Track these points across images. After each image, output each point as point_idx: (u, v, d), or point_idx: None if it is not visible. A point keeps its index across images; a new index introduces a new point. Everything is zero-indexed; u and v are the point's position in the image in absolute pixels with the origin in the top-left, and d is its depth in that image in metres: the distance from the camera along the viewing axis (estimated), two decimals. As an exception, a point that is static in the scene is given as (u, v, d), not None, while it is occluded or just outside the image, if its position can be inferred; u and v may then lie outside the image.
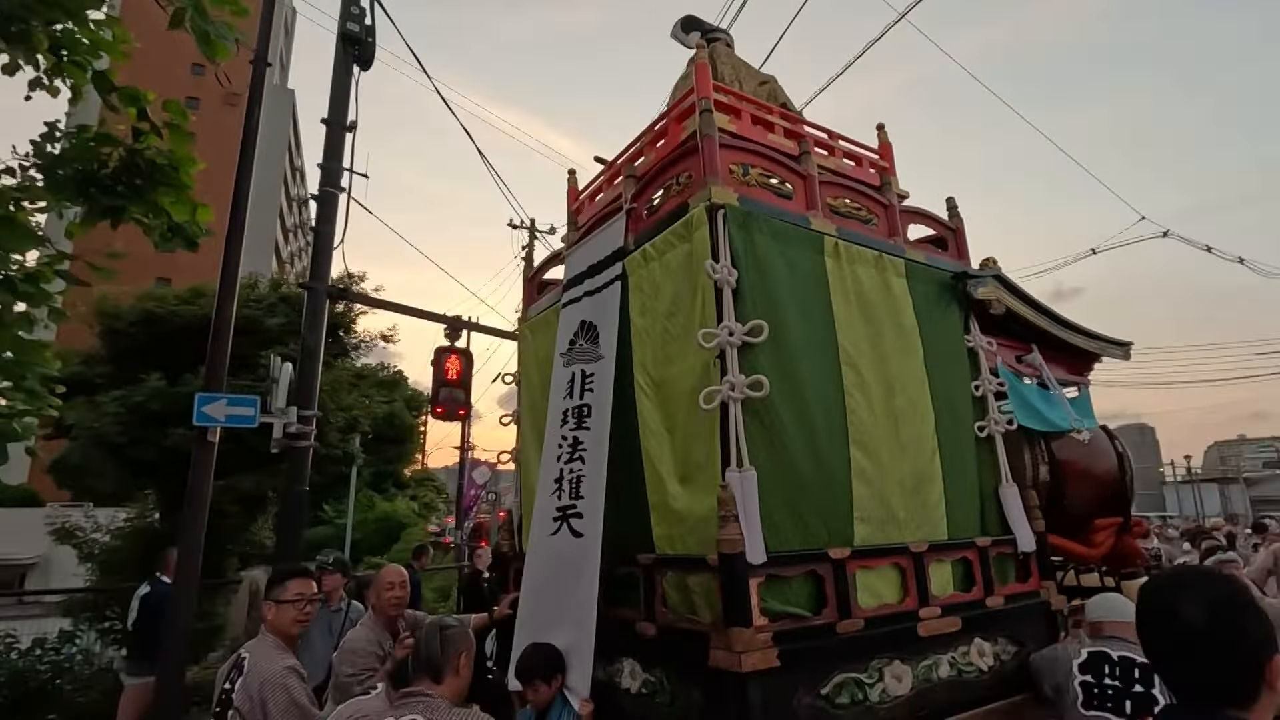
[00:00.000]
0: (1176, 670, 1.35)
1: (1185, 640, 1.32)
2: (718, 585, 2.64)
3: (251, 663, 2.80)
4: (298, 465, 6.08)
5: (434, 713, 2.15)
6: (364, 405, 15.28)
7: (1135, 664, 2.77)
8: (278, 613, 3.00)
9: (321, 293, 6.39)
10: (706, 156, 3.08)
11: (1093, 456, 3.94)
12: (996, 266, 3.77)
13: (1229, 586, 1.37)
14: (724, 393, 2.73)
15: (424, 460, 36.61)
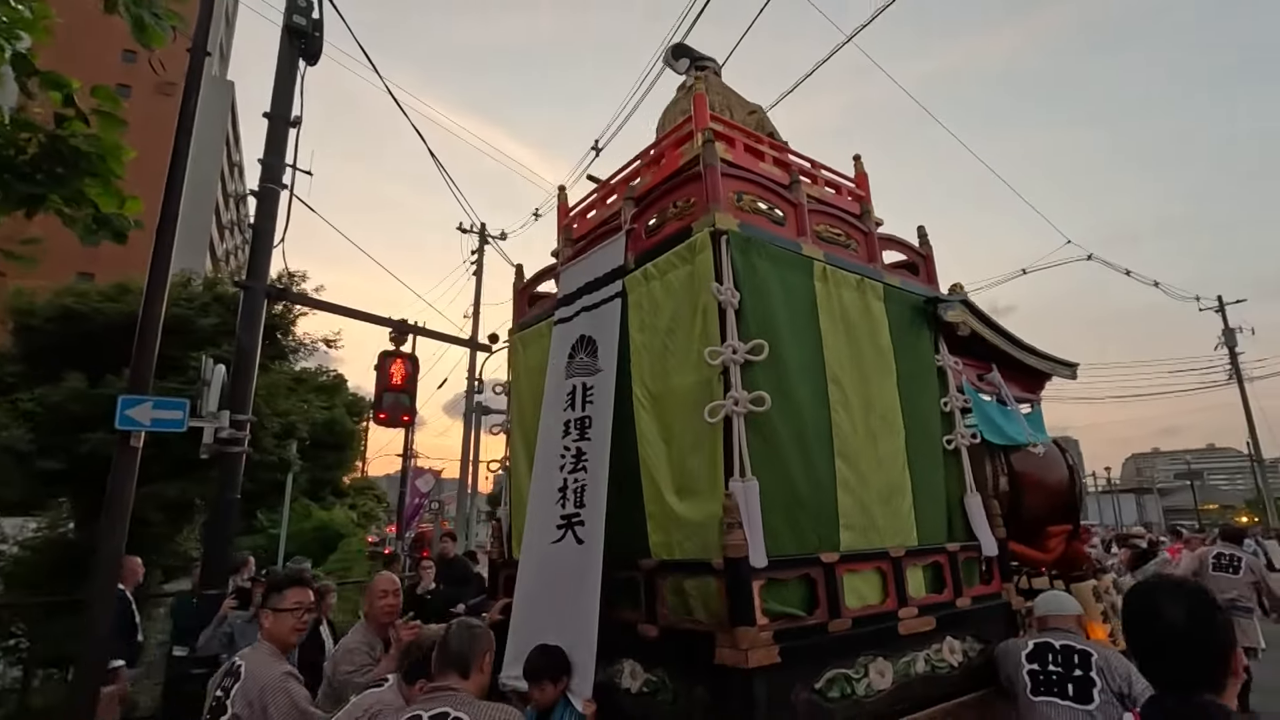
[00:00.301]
0: (1160, 664, 1.60)
1: (1168, 639, 1.58)
2: (722, 588, 2.82)
3: (248, 669, 2.84)
4: (229, 472, 5.83)
5: (462, 706, 2.27)
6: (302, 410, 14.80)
7: (1075, 651, 3.08)
8: (275, 621, 3.07)
9: (259, 292, 6.16)
10: (710, 184, 3.28)
11: (1047, 468, 4.29)
12: (963, 292, 4.07)
13: (1202, 594, 1.63)
14: (728, 407, 2.93)
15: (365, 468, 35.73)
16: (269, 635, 3.05)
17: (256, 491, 14.03)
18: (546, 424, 3.82)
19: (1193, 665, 1.55)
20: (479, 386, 18.30)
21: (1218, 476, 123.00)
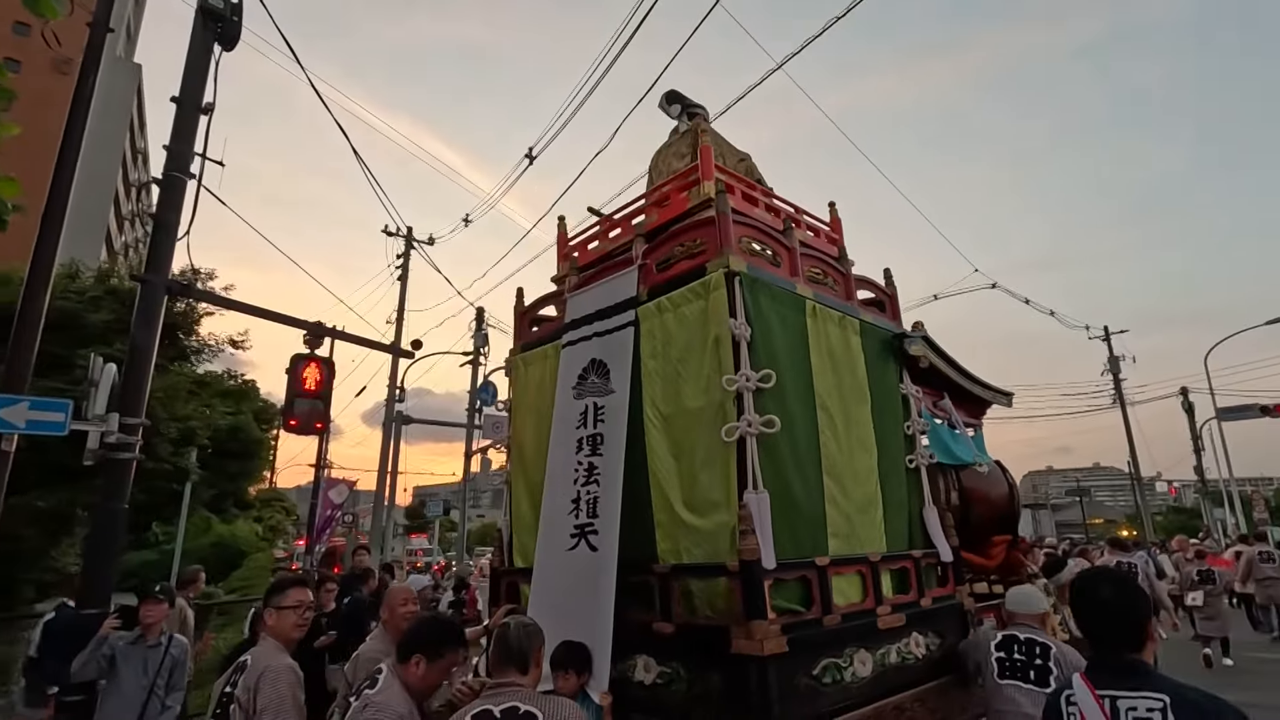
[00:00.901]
0: (1097, 631, 2.13)
1: (1102, 612, 2.12)
2: (735, 587, 3.22)
3: (253, 661, 3.04)
4: (117, 480, 5.35)
5: (529, 700, 2.56)
6: (204, 415, 14.15)
7: (1037, 644, 3.62)
8: (278, 618, 3.26)
9: (158, 287, 5.70)
10: (723, 230, 3.71)
11: (990, 485, 4.89)
12: (924, 329, 4.63)
13: (1128, 579, 2.18)
14: (742, 428, 3.35)
15: (273, 478, 34.13)
16: (272, 632, 3.24)
17: (150, 503, 13.19)
18: (558, 440, 4.14)
19: (1120, 631, 2.09)
20: (401, 395, 17.87)
21: (1103, 493, 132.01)
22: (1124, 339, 31.98)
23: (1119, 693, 1.98)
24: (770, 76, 8.78)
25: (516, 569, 4.48)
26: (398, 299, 18.47)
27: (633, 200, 4.64)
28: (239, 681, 2.97)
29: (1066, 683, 2.19)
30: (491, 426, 18.86)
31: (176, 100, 6.07)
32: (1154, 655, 2.19)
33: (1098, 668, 2.11)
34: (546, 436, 4.37)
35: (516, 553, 4.52)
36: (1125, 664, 2.05)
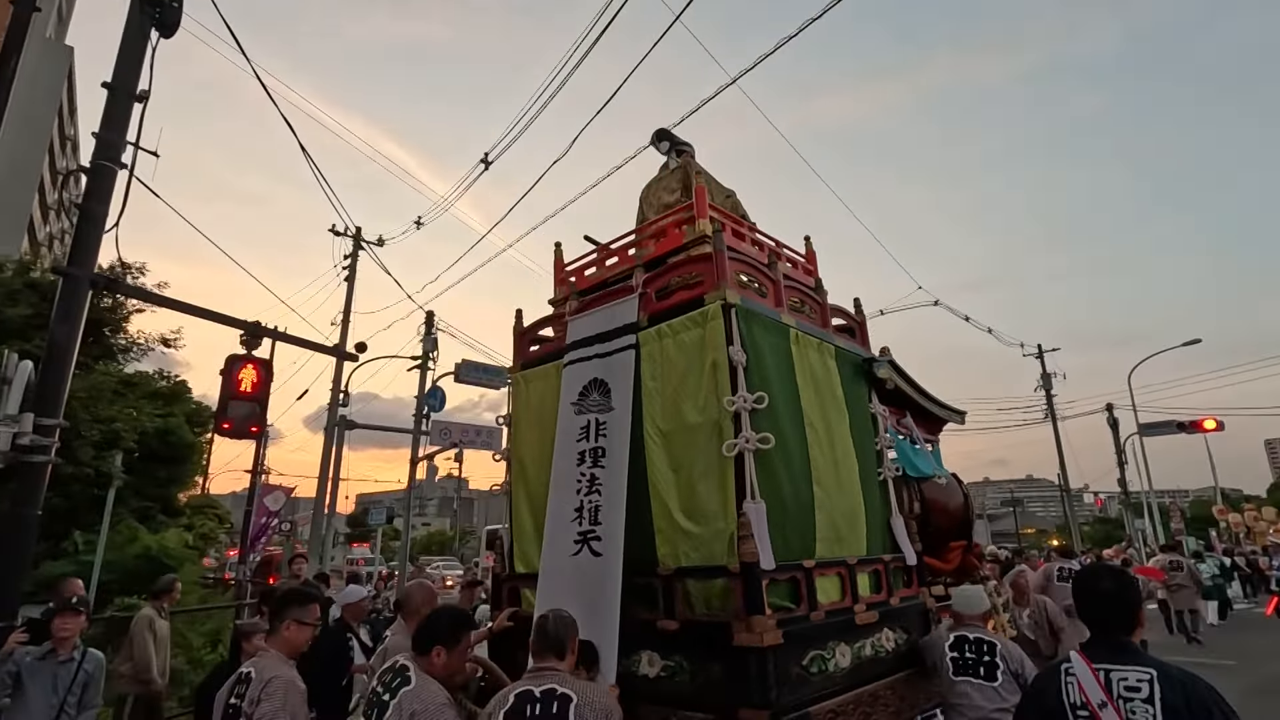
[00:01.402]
0: (1096, 615, 2.56)
1: (1101, 599, 2.55)
2: (737, 587, 3.59)
3: (258, 672, 3.19)
4: (29, 485, 5.07)
5: (566, 684, 2.89)
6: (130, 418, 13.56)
7: (985, 642, 4.10)
8: (297, 631, 3.44)
9: (82, 281, 5.42)
10: (719, 266, 4.11)
11: (948, 495, 5.38)
12: (890, 354, 5.10)
13: (1123, 572, 2.63)
14: (741, 444, 3.73)
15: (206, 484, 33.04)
16: (284, 644, 3.40)
17: (69, 509, 12.49)
18: (561, 452, 4.46)
19: (1115, 616, 2.52)
20: (344, 399, 17.37)
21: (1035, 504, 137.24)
22: (1056, 357, 33.68)
23: (1112, 666, 2.42)
24: (725, 91, 8.94)
25: (517, 574, 4.77)
26: (344, 300, 18.07)
27: (626, 233, 5.01)
28: (245, 694, 3.11)
29: (1061, 659, 2.61)
30: (439, 433, 18.65)
31: (108, 86, 5.79)
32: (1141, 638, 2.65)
33: (1095, 645, 2.53)
34: (546, 449, 4.69)
35: (518, 559, 4.81)
36: (1119, 644, 2.48)
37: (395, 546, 50.65)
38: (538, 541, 4.65)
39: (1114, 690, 2.39)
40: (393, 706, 2.81)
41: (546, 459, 4.67)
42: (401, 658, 3.03)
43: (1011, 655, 4.03)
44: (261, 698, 3.06)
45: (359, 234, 18.60)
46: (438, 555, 57.93)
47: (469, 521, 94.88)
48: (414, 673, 2.92)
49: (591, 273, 5.15)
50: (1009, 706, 3.85)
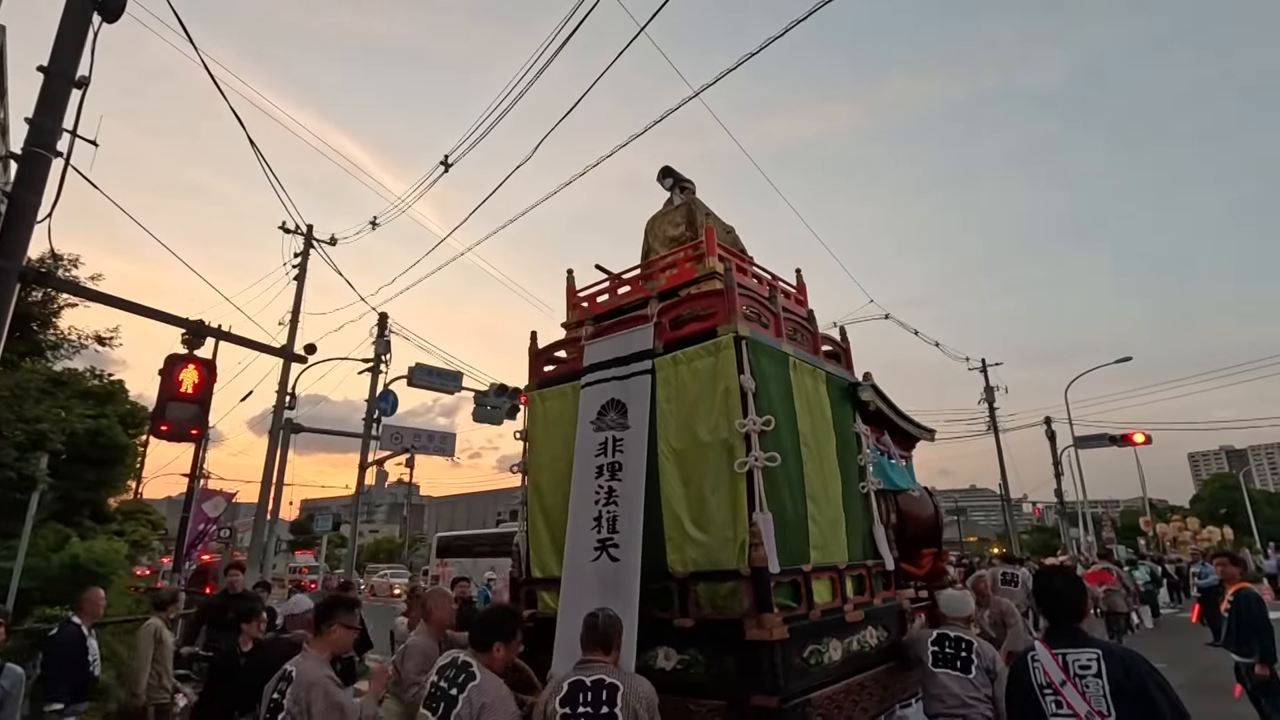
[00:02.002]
0: (1052, 608, 3.11)
1: (1054, 594, 3.10)
2: (747, 588, 4.06)
3: (298, 673, 3.47)
4: None
5: (613, 675, 3.31)
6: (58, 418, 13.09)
7: (962, 640, 4.65)
8: (342, 635, 3.77)
9: (10, 273, 5.22)
10: (730, 301, 4.59)
11: (921, 507, 5.94)
12: (871, 379, 5.65)
13: (1072, 572, 3.19)
14: (751, 461, 4.21)
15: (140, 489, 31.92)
16: (328, 646, 3.72)
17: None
18: (580, 466, 4.88)
19: (1067, 609, 3.09)
20: (291, 401, 16.93)
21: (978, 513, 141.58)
22: (999, 371, 35.17)
23: (1068, 650, 3.00)
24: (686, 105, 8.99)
25: (534, 579, 5.17)
26: (293, 300, 17.60)
27: (636, 265, 5.47)
28: (287, 691, 3.39)
29: (1029, 647, 3.17)
30: (390, 437, 18.38)
31: (44, 70, 5.53)
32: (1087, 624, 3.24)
33: (1053, 634, 3.12)
34: (562, 463, 5.11)
35: (534, 565, 5.21)
36: (1071, 630, 3.08)
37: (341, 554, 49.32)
38: (553, 549, 5.07)
39: (1070, 669, 2.96)
40: (462, 700, 3.17)
41: (562, 472, 5.09)
42: (462, 655, 3.40)
43: (985, 653, 4.59)
44: (310, 700, 3.34)
45: (310, 232, 18.20)
46: (386, 563, 57.02)
47: (419, 528, 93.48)
48: (477, 668, 3.30)
49: (604, 299, 5.58)
50: (981, 696, 4.41)
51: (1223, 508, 67.20)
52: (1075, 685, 2.92)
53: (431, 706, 3.24)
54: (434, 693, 3.30)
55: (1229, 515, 63.23)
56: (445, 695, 3.23)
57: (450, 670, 3.34)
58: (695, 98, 8.78)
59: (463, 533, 46.13)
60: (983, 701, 4.41)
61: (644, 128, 9.30)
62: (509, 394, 17.58)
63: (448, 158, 11.67)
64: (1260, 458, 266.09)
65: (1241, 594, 6.92)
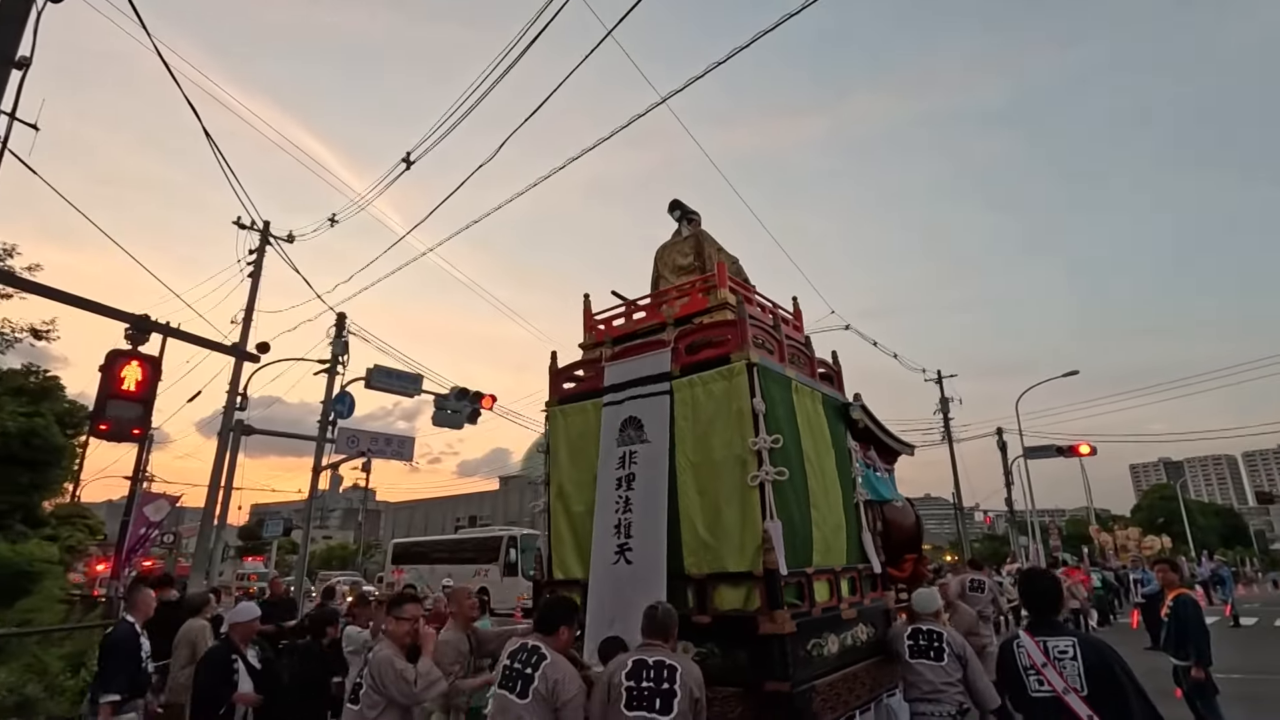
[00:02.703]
0: (1037, 603, 3.70)
1: (1037, 590, 3.70)
2: (761, 588, 4.56)
3: (374, 657, 4.16)
4: None
5: (671, 658, 3.78)
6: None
7: (934, 633, 5.22)
8: (396, 626, 4.37)
9: None
10: (742, 330, 5.11)
11: (903, 516, 6.53)
12: (861, 399, 6.22)
13: (1050, 573, 3.80)
14: (762, 475, 4.73)
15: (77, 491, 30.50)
16: (390, 635, 4.33)
17: None
18: (603, 478, 5.35)
19: (1048, 603, 3.68)
20: (243, 402, 16.23)
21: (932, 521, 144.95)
22: (953, 383, 36.32)
23: (1048, 638, 3.59)
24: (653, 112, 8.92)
25: (556, 580, 5.62)
26: (247, 297, 16.98)
27: (650, 294, 5.98)
28: (365, 672, 4.10)
29: (1013, 635, 3.75)
30: (346, 441, 17.72)
31: None
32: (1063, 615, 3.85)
33: (1036, 625, 3.72)
34: (584, 474, 5.59)
35: (555, 567, 5.66)
36: (1050, 622, 3.67)
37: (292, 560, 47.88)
38: (575, 552, 5.53)
39: (1050, 654, 3.54)
40: (538, 677, 3.65)
41: (584, 482, 5.56)
42: (530, 640, 3.87)
43: (955, 642, 5.18)
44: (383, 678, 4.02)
45: (267, 228, 17.68)
46: (339, 570, 55.87)
47: (375, 535, 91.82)
48: (546, 650, 3.77)
49: (620, 324, 6.07)
50: (953, 680, 5.00)
51: (1160, 517, 70.17)
52: (1055, 667, 3.51)
53: (509, 686, 3.70)
54: (509, 674, 3.76)
55: (1166, 524, 66.03)
56: (521, 674, 3.70)
57: (521, 654, 3.80)
58: (662, 104, 8.88)
59: (420, 539, 45.70)
60: (954, 685, 5.00)
61: (610, 132, 9.35)
62: (470, 398, 17.36)
63: (409, 155, 11.32)
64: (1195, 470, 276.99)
65: (1180, 599, 7.09)
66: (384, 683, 3.96)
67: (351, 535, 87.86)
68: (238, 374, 16.19)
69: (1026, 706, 3.65)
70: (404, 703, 4.05)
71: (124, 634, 6.08)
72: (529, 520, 59.77)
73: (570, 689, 3.68)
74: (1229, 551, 68.30)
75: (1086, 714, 3.39)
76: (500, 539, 31.07)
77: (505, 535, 31.23)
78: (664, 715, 3.57)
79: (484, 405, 17.60)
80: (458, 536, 39.10)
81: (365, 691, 4.01)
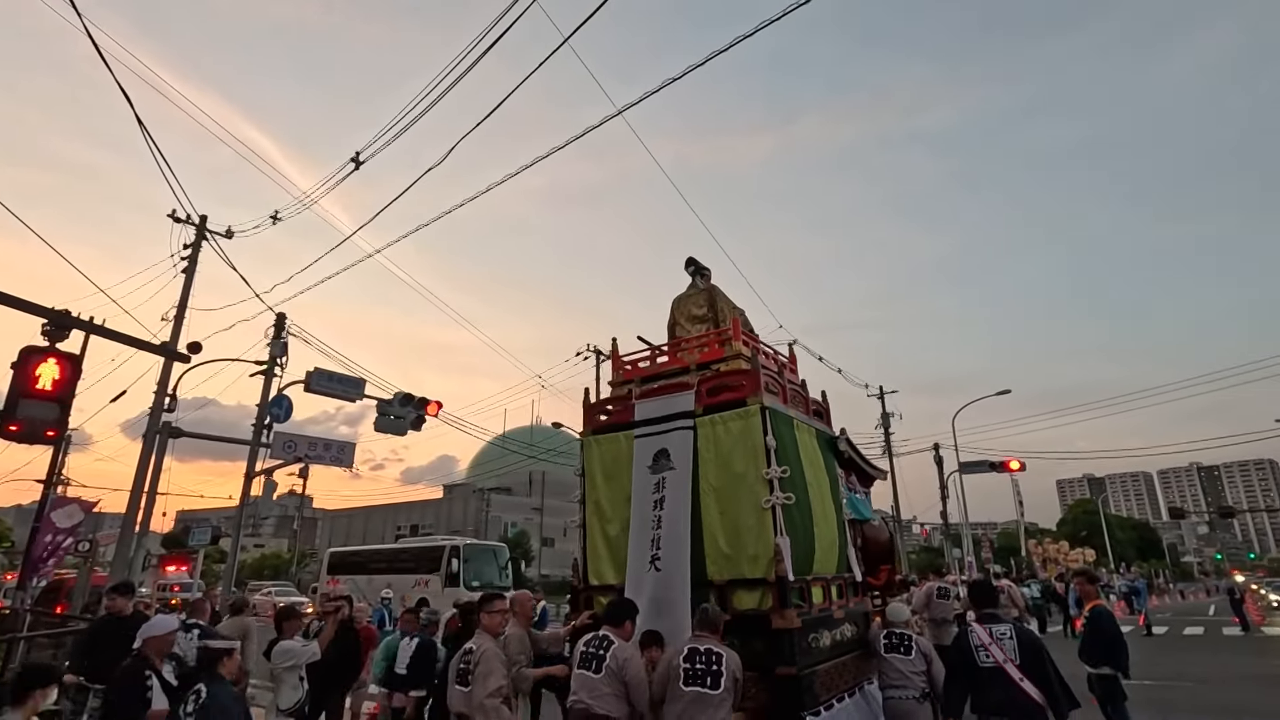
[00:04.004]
0: (984, 601, 4.96)
1: (988, 594, 5.02)
2: (773, 591, 5.61)
3: (476, 645, 5.13)
4: None
5: (717, 646, 4.78)
6: None
7: (905, 635, 6.36)
8: (488, 619, 5.38)
9: None
10: (756, 380, 6.17)
11: (879, 532, 7.68)
12: (847, 433, 7.36)
13: (991, 581, 5.07)
14: (774, 500, 5.78)
15: None
16: (485, 628, 5.33)
17: None
18: (637, 499, 6.32)
19: (991, 600, 5.06)
20: (171, 403, 15.46)
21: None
22: (894, 398, 38.12)
23: (991, 625, 4.84)
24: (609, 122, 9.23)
25: (592, 586, 6.58)
26: (180, 294, 16.30)
27: (666, 343, 7.02)
28: (469, 659, 5.08)
29: (967, 624, 4.92)
30: (282, 445, 16.88)
31: None
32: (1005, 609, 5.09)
33: (981, 616, 4.90)
34: (617, 494, 6.57)
35: (591, 574, 6.62)
36: (992, 614, 4.92)
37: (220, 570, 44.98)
38: (611, 561, 6.50)
39: (994, 636, 4.80)
40: (609, 658, 4.66)
41: (618, 501, 6.55)
42: (601, 630, 4.87)
43: (921, 643, 6.33)
44: (480, 659, 4.95)
45: (203, 222, 17.01)
46: (270, 580, 54.01)
47: (311, 543, 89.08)
48: (614, 637, 4.78)
49: (645, 365, 7.09)
50: (919, 671, 6.11)
51: (1084, 530, 74.19)
52: (997, 645, 4.80)
53: (586, 665, 4.70)
54: (585, 657, 4.77)
55: (1088, 537, 69.91)
56: (595, 656, 4.73)
57: (594, 641, 4.83)
58: (618, 116, 8.97)
59: (358, 548, 44.61)
60: (919, 675, 6.12)
61: (565, 141, 9.34)
62: (415, 404, 17.09)
63: (359, 155, 11.04)
64: (1116, 485, 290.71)
65: (1096, 610, 7.39)
66: (492, 667, 4.94)
67: (286, 544, 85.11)
68: (166, 374, 15.50)
69: (976, 675, 4.93)
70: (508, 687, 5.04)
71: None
72: (473, 530, 60.48)
73: (635, 666, 4.70)
74: (1144, 563, 72.67)
75: (1019, 677, 4.67)
76: (442, 548, 30.52)
77: (447, 545, 30.67)
78: (713, 690, 4.59)
79: (429, 411, 17.40)
80: (397, 546, 38.47)
81: (476, 674, 4.96)
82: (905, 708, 6.08)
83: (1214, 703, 10.74)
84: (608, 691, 4.61)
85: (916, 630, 7.25)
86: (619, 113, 8.82)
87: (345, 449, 18.47)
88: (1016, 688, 4.73)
